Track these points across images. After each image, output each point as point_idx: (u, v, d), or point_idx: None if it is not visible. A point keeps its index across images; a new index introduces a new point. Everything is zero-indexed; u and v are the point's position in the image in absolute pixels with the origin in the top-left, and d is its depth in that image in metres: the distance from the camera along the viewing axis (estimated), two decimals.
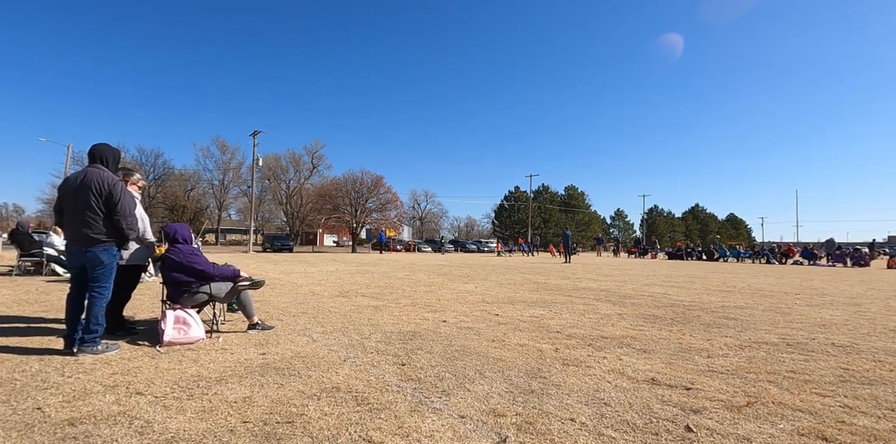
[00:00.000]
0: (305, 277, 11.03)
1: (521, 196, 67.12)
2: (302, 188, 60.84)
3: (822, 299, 8.03)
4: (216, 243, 58.60)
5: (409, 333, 4.46)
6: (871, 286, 11.00)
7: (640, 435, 2.16)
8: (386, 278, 11.10)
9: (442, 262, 20.94)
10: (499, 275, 12.62)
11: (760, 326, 5.13)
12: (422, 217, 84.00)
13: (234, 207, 66.62)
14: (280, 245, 38.50)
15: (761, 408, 2.54)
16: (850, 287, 10.63)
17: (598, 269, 16.88)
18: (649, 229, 73.58)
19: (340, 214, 42.31)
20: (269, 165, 60.33)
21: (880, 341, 4.42)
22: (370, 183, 42.17)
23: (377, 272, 12.91)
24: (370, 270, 14.05)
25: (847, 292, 9.27)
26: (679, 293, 8.48)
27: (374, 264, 17.33)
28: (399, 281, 10.19)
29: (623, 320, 5.43)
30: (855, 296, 8.57)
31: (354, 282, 9.80)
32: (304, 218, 58.31)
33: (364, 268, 14.95)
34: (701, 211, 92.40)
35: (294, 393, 2.66)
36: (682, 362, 3.53)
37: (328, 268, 14.65)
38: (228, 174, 59.91)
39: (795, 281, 12.38)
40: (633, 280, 11.50)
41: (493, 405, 2.52)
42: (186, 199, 58.27)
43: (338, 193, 42.63)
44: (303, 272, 12.50)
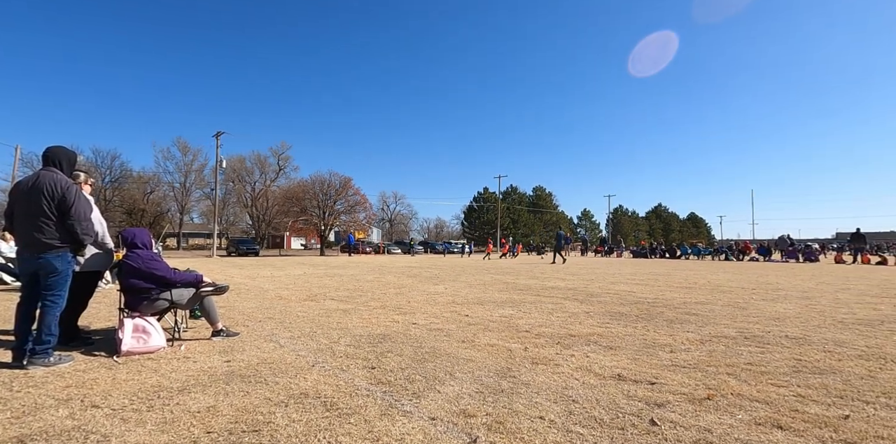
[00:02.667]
0: (272, 281, 10.80)
1: (490, 197, 67.61)
2: (268, 190, 59.53)
3: (777, 293, 8.40)
4: (178, 247, 56.71)
5: (379, 336, 4.43)
6: (821, 280, 11.58)
7: (607, 430, 2.20)
8: (355, 280, 10.99)
9: (412, 263, 20.88)
10: (468, 276, 12.67)
11: (720, 320, 5.33)
12: (391, 219, 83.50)
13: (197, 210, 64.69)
14: (245, 249, 37.54)
15: (721, 400, 2.63)
16: (802, 282, 11.16)
17: (565, 268, 17.17)
18: (615, 228, 75.32)
19: (308, 216, 41.64)
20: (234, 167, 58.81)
21: (829, 332, 4.66)
22: (338, 185, 41.67)
23: (346, 275, 12.76)
24: (339, 273, 13.88)
25: (799, 287, 9.73)
26: (643, 291, 8.71)
27: (343, 267, 17.13)
28: (368, 284, 10.10)
29: (590, 317, 5.54)
30: (806, 290, 9.00)
31: (323, 285, 9.66)
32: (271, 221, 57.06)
33: (333, 271, 14.76)
34: (664, 210, 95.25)
35: (261, 401, 2.60)
36: (646, 357, 3.62)
37: (296, 272, 14.39)
38: (190, 176, 58.13)
39: (752, 277, 12.92)
40: (600, 279, 11.76)
41: (463, 405, 2.53)
42: (146, 202, 56.15)
43: (305, 195, 41.92)
44: (269, 276, 12.23)
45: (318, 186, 41.40)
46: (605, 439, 2.11)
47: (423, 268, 16.73)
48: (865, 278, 12.81)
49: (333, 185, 41.49)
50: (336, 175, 42.03)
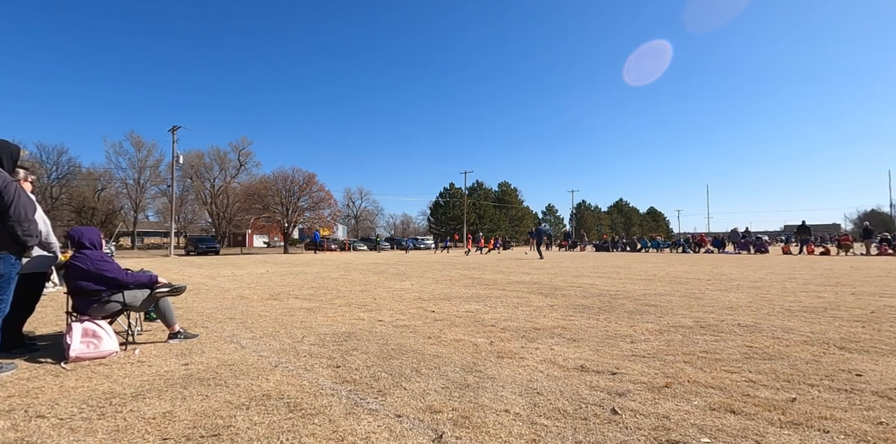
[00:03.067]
0: (233, 280, 10.51)
1: (456, 193, 67.80)
2: (228, 187, 57.83)
3: (730, 284, 8.78)
4: (132, 247, 54.40)
5: (344, 334, 4.37)
6: (770, 271, 12.18)
7: (570, 421, 2.25)
8: (320, 278, 10.82)
9: (378, 260, 20.73)
10: (435, 272, 12.68)
11: (677, 311, 5.52)
12: (357, 215, 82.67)
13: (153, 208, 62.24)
14: (205, 248, 36.43)
15: (678, 387, 2.73)
16: (753, 272, 11.71)
17: (530, 262, 17.42)
18: (578, 222, 76.97)
19: (271, 213, 40.68)
20: (191, 163, 56.82)
21: (778, 320, 4.90)
22: (302, 181, 40.86)
23: (311, 273, 12.55)
24: (303, 270, 13.63)
25: (750, 277, 10.20)
26: (605, 283, 8.94)
27: (307, 265, 16.83)
28: (333, 281, 9.96)
29: (554, 311, 5.64)
30: (757, 280, 9.45)
31: (286, 284, 9.47)
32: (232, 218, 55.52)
33: (297, 269, 14.48)
34: (625, 205, 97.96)
35: (220, 404, 2.52)
36: (608, 348, 3.72)
37: (258, 270, 14.04)
38: (145, 173, 55.84)
39: (707, 268, 13.46)
40: (564, 272, 11.99)
41: (429, 401, 2.53)
42: (96, 200, 53.57)
43: (267, 191, 40.93)
44: (230, 276, 11.89)
45: (281, 182, 40.51)
46: (569, 429, 2.15)
47: (389, 264, 16.64)
48: (810, 267, 13.56)
49: (297, 181, 40.69)
50: (299, 171, 41.25)
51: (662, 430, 2.13)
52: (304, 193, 40.86)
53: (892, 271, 12.06)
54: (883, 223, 60.18)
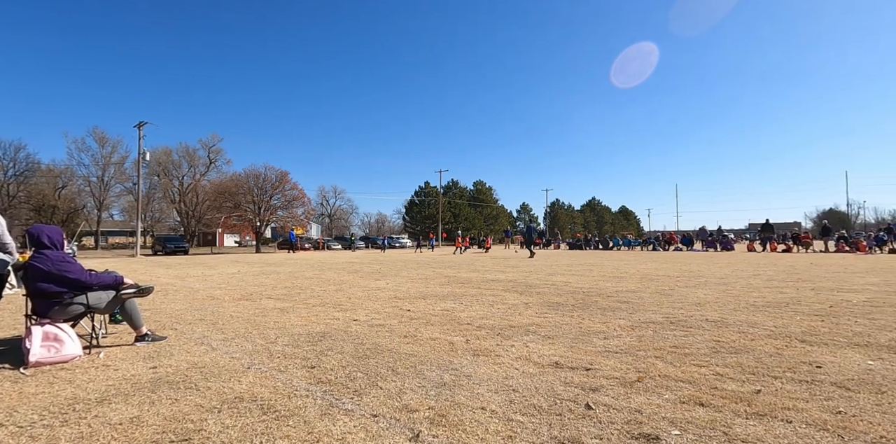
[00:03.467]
0: (203, 280, 10.26)
1: (431, 191, 67.80)
2: (198, 185, 56.37)
3: (698, 280, 9.03)
4: (96, 247, 52.51)
5: (319, 334, 4.32)
6: (736, 268, 12.58)
7: (545, 417, 2.27)
8: (293, 278, 10.66)
9: (353, 259, 20.55)
10: (410, 270, 12.65)
11: (648, 307, 5.65)
12: (331, 214, 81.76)
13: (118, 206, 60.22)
14: (174, 247, 35.44)
15: (650, 382, 2.79)
16: (720, 269, 12.08)
17: (506, 261, 17.55)
18: (552, 221, 77.93)
19: (242, 212, 39.83)
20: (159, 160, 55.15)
21: (744, 315, 5.07)
22: (274, 179, 40.12)
23: (284, 272, 12.35)
24: (276, 270, 13.41)
25: (717, 274, 10.52)
26: (579, 281, 9.08)
27: (280, 264, 16.57)
28: (307, 281, 9.83)
29: (529, 308, 5.70)
30: (723, 277, 9.75)
31: (259, 284, 9.29)
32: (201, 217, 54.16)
33: (270, 268, 14.23)
34: (597, 204, 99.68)
35: (191, 408, 2.46)
36: (582, 345, 3.78)
37: (229, 270, 13.75)
38: (109, 170, 53.90)
39: (676, 265, 13.81)
40: (538, 270, 12.12)
41: (405, 400, 2.52)
42: (57, 198, 51.48)
43: (239, 189, 40.04)
44: (200, 276, 11.61)
45: (253, 180, 39.68)
46: (544, 425, 2.18)
47: (364, 263, 16.52)
48: (773, 264, 14.08)
49: (269, 179, 39.92)
50: (272, 169, 40.47)
51: (635, 423, 2.17)
52: (276, 191, 40.14)
53: (848, 267, 12.61)
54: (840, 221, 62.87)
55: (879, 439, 1.98)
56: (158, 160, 55.04)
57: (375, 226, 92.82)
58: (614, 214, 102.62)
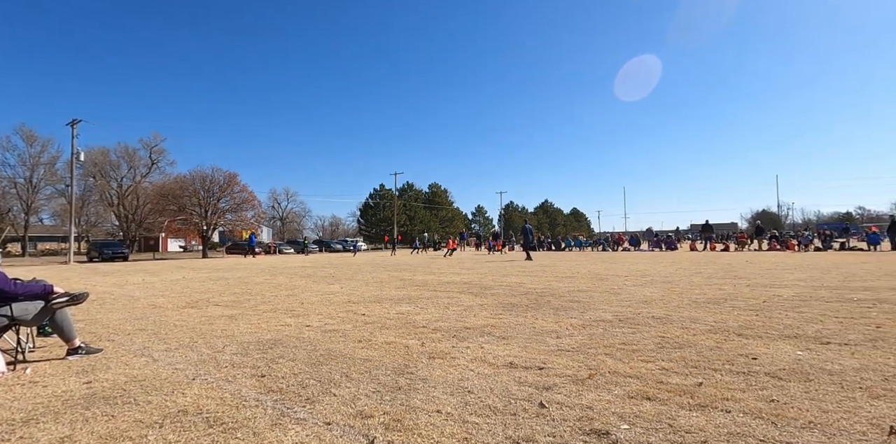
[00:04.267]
0: (144, 288, 9.73)
1: (386, 194, 67.27)
2: (138, 187, 53.31)
3: (645, 279, 9.41)
4: (23, 254, 48.72)
5: (270, 341, 4.18)
6: (680, 266, 13.21)
7: (500, 417, 2.29)
8: (243, 283, 10.29)
9: (306, 263, 20.08)
10: (365, 274, 12.50)
11: (599, 306, 5.83)
12: (283, 217, 79.54)
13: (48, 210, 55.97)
14: (111, 253, 33.35)
15: (600, 378, 2.87)
16: (664, 268, 12.64)
17: (461, 263, 17.66)
18: (507, 223, 79.11)
19: (187, 215, 38.12)
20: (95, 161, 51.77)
21: (686, 311, 5.32)
22: (222, 181, 38.66)
23: (233, 278, 11.90)
24: (224, 276, 12.90)
25: (662, 273, 11.01)
26: (532, 282, 9.25)
27: (228, 270, 15.95)
28: (258, 286, 9.51)
29: (484, 310, 5.75)
30: (668, 275, 10.21)
31: (205, 290, 8.91)
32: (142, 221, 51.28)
33: (217, 274, 13.68)
34: (550, 206, 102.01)
35: (129, 424, 2.31)
36: (535, 344, 3.84)
37: (173, 276, 13.10)
38: (39, 170, 50.01)
39: (624, 265, 14.34)
40: (493, 272, 12.26)
41: (360, 407, 2.48)
42: None
43: (184, 192, 38.30)
44: (141, 283, 11.00)
45: (199, 182, 38.07)
46: (499, 425, 2.19)
47: (317, 267, 16.17)
48: (713, 263, 14.87)
49: (217, 181, 38.44)
50: (219, 170, 39.00)
51: (586, 420, 2.23)
52: (224, 193, 38.69)
53: (779, 264, 13.52)
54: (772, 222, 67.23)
55: (808, 424, 2.12)
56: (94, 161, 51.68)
57: (329, 229, 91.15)
58: (566, 215, 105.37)
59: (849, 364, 3.05)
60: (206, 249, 38.50)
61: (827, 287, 7.32)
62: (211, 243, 42.64)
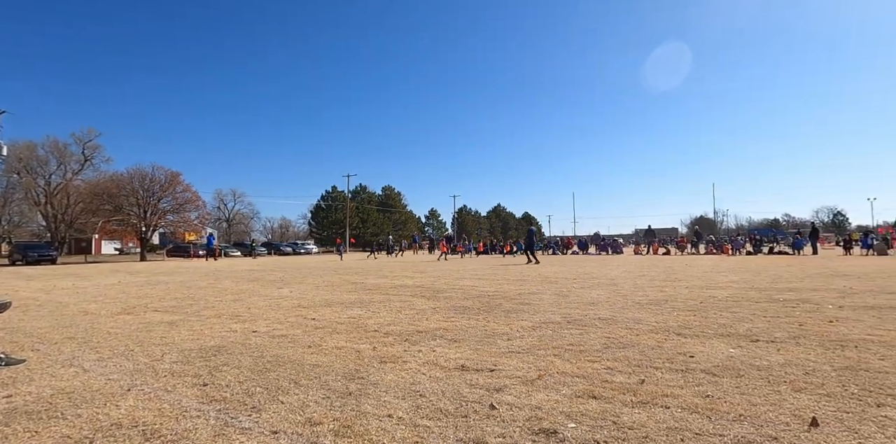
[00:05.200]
0: (74, 293, 9.09)
1: (338, 196, 66.22)
2: (69, 185, 49.74)
3: (592, 281, 9.73)
4: None
5: (213, 348, 4.01)
6: (625, 270, 13.75)
7: (451, 420, 2.30)
8: (185, 288, 9.81)
9: (253, 267, 19.41)
10: (316, 277, 12.23)
11: (548, 308, 5.98)
12: (229, 219, 76.66)
13: None
14: (37, 256, 30.93)
15: (549, 379, 2.94)
16: (610, 271, 13.12)
17: (414, 266, 17.62)
18: (460, 226, 79.67)
19: (124, 216, 35.99)
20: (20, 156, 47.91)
21: (631, 312, 5.54)
22: (164, 180, 36.77)
23: (174, 282, 11.33)
24: (164, 280, 12.26)
25: (608, 275, 11.42)
26: (485, 285, 9.36)
27: (169, 274, 15.18)
28: (201, 291, 9.10)
29: (437, 313, 5.76)
30: (614, 278, 10.60)
31: (143, 295, 8.43)
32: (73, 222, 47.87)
33: (157, 278, 12.98)
34: (502, 210, 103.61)
35: (56, 440, 2.15)
36: (487, 347, 3.89)
37: (107, 281, 12.33)
38: None
39: (573, 268, 14.78)
40: (446, 275, 12.31)
41: (309, 414, 2.42)
42: None
43: (121, 191, 36.12)
44: (70, 288, 10.28)
45: (139, 180, 36.02)
46: (450, 428, 2.20)
47: (266, 271, 15.67)
48: (655, 266, 15.59)
49: (158, 179, 36.51)
50: (161, 169, 37.08)
51: (535, 420, 2.27)
52: (166, 193, 36.81)
53: (715, 267, 14.34)
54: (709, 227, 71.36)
55: (738, 417, 2.26)
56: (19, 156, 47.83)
57: (279, 231, 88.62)
58: (518, 219, 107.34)
59: (775, 360, 3.28)
60: (144, 251, 36.46)
61: (757, 289, 7.84)
62: (150, 246, 40.43)
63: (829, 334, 4.12)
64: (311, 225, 69.15)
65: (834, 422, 2.17)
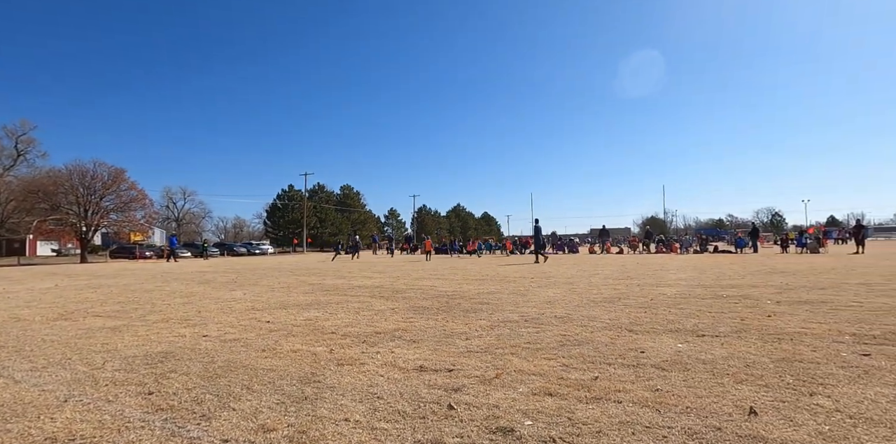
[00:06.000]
0: (5, 298, 8.47)
1: (295, 195, 64.74)
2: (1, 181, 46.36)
3: (549, 280, 9.93)
4: None
5: (160, 354, 3.83)
6: (580, 268, 14.11)
7: (410, 421, 2.29)
8: (129, 291, 9.33)
9: (205, 268, 18.69)
10: (271, 279, 11.91)
11: (506, 307, 6.05)
12: (179, 218, 73.50)
13: None
14: None
15: (507, 377, 2.98)
16: (566, 270, 13.44)
17: (372, 266, 17.46)
18: (419, 226, 79.57)
19: (63, 215, 33.86)
20: None
21: (586, 310, 5.69)
22: (107, 177, 34.87)
23: (117, 285, 10.75)
24: (107, 283, 11.62)
25: (565, 274, 11.69)
26: (444, 285, 9.38)
27: (112, 276, 14.39)
28: (147, 294, 8.68)
29: (395, 314, 5.72)
30: (570, 277, 10.86)
31: (83, 300, 7.95)
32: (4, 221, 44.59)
33: (99, 281, 12.28)
34: (462, 210, 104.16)
35: None
36: (445, 346, 3.89)
37: (43, 284, 11.56)
38: None
39: (530, 267, 15.04)
40: (405, 275, 12.26)
41: (262, 420, 2.34)
42: None
43: (58, 188, 33.97)
44: (1, 293, 9.56)
45: (78, 177, 34.00)
46: (408, 430, 2.19)
47: (218, 273, 15.11)
48: (609, 264, 16.08)
49: (100, 177, 34.58)
50: (103, 165, 35.14)
51: (493, 418, 2.29)
52: (109, 191, 34.90)
53: (665, 265, 14.95)
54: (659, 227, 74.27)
55: (685, 409, 2.36)
56: None
57: (233, 231, 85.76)
58: (477, 219, 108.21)
59: (719, 354, 3.45)
60: (85, 253, 34.43)
61: (703, 286, 8.22)
62: (92, 247, 38.23)
63: (767, 328, 4.37)
64: (266, 225, 67.28)
65: (771, 411, 2.31)
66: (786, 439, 1.99)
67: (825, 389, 2.63)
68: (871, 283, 8.00)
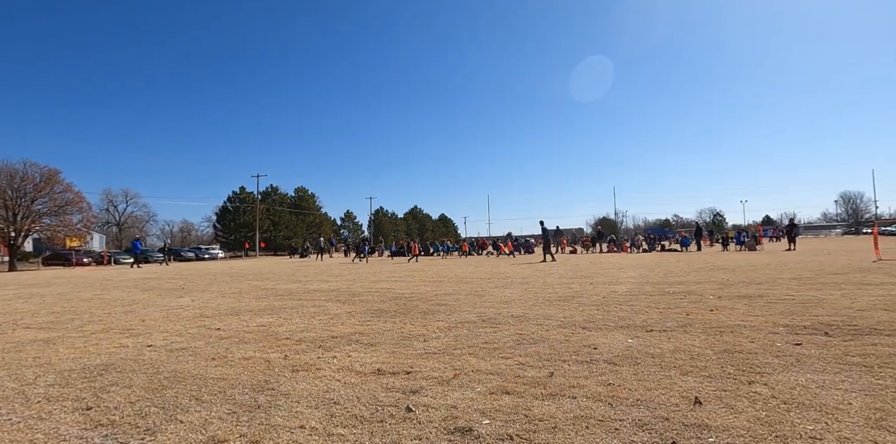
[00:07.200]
0: None
1: (247, 197, 62.63)
2: None
3: (505, 281, 10.07)
4: None
5: (99, 367, 3.60)
6: (536, 269, 14.39)
7: (367, 426, 2.26)
8: (65, 300, 8.74)
9: (149, 274, 17.77)
10: (221, 284, 11.47)
11: (464, 308, 6.09)
12: (120, 222, 69.61)
13: None
14: None
15: (464, 377, 2.99)
16: (523, 270, 13.67)
17: (329, 270, 17.14)
18: (376, 228, 78.85)
19: None
20: None
21: (541, 309, 5.80)
22: (39, 179, 32.54)
23: (51, 295, 10.05)
24: (40, 292, 10.84)
25: (521, 274, 11.89)
26: (401, 287, 9.33)
27: (45, 285, 13.44)
28: (85, 303, 8.16)
29: (352, 317, 5.64)
30: (526, 277, 11.05)
31: (11, 311, 7.39)
32: None
33: (30, 290, 11.44)
34: (419, 212, 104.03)
35: None
36: (403, 349, 3.87)
37: None
38: None
39: (487, 268, 15.20)
40: (362, 278, 12.12)
41: (212, 431, 2.25)
42: None
43: None
44: None
45: (6, 179, 31.54)
46: (366, 434, 2.16)
47: (163, 279, 14.41)
48: (563, 264, 16.48)
49: (31, 178, 32.22)
50: (34, 166, 32.76)
51: (451, 419, 2.30)
52: (41, 193, 32.57)
53: (616, 264, 15.47)
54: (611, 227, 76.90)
55: (636, 401, 2.44)
56: None
57: (180, 236, 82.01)
58: (435, 221, 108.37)
59: (666, 347, 3.60)
60: (14, 260, 31.97)
61: (651, 283, 8.57)
62: (22, 254, 35.57)
63: (710, 321, 4.60)
64: (216, 228, 64.67)
65: (714, 400, 2.43)
66: (728, 425, 2.10)
67: (762, 377, 2.79)
68: (802, 277, 8.59)
